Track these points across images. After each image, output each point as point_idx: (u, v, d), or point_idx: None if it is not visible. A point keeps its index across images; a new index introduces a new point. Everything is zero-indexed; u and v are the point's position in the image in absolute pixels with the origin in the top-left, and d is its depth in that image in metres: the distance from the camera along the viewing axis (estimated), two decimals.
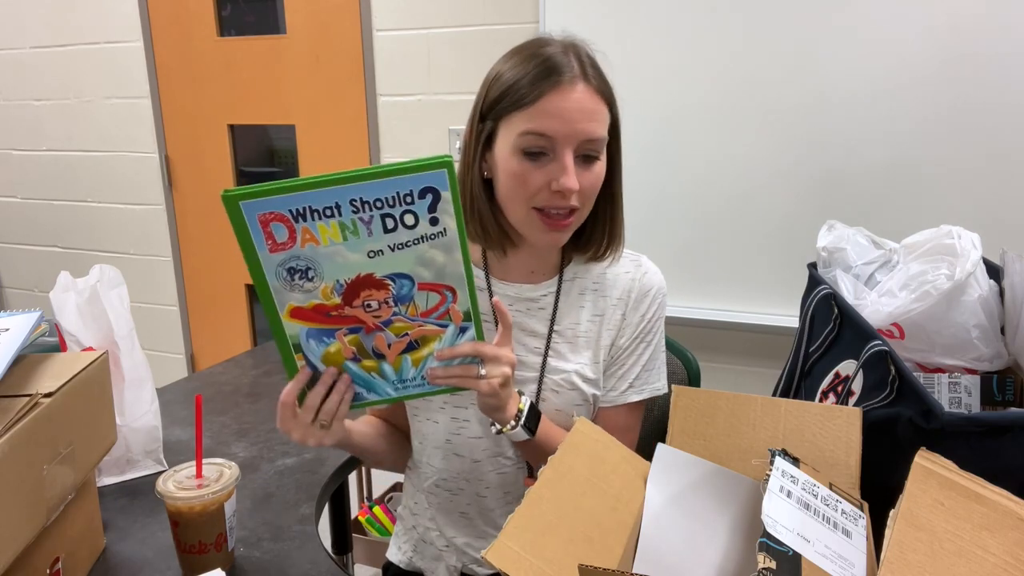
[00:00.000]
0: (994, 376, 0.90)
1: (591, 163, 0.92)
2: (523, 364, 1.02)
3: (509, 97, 0.90)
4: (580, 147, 0.90)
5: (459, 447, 1.04)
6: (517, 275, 1.04)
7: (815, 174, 1.99)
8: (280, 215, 0.76)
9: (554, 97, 0.87)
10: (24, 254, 3.32)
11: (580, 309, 1.04)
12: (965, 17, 1.79)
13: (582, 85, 0.89)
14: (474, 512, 1.08)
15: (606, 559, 0.71)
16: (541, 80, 0.88)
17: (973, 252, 0.91)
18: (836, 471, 0.79)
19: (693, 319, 2.16)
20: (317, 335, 0.83)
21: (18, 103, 3.10)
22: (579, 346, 1.03)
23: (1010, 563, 0.63)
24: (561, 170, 0.89)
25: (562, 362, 1.02)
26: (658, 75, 2.06)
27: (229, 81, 2.78)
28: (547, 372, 1.02)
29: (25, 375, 0.89)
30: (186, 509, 0.93)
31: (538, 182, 0.90)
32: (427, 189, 0.75)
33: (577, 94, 0.88)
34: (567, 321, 1.04)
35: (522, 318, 1.03)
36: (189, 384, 1.65)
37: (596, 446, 0.84)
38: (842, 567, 0.65)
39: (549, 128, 0.88)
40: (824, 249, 1.12)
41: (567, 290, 1.04)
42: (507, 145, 0.91)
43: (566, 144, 0.89)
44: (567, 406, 1.02)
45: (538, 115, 0.88)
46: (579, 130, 0.89)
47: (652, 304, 1.05)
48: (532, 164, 0.90)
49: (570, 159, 0.89)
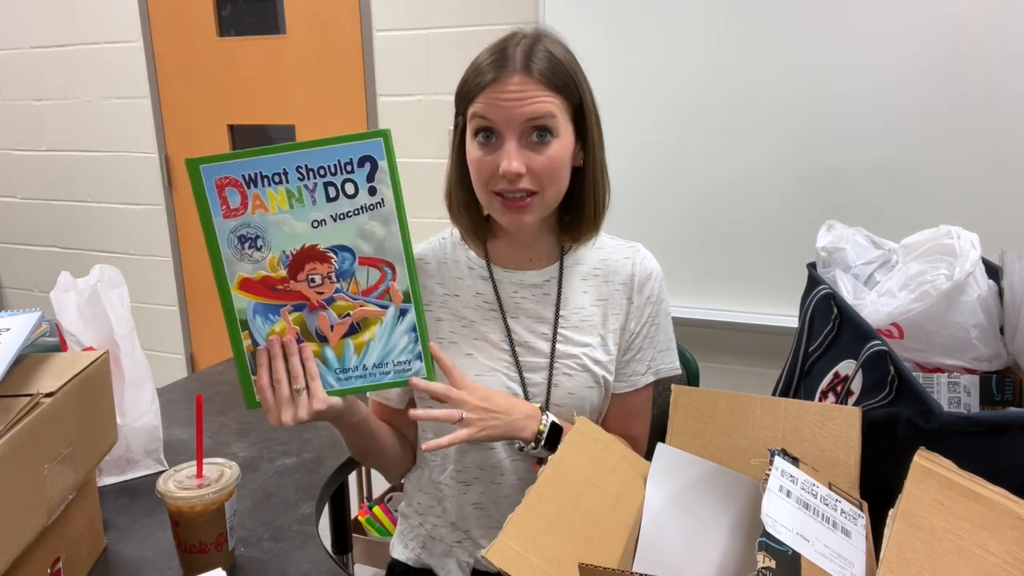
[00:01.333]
0: (993, 376, 0.90)
1: (544, 144, 0.96)
2: (534, 350, 1.05)
3: (466, 88, 0.98)
4: (525, 128, 0.95)
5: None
6: (517, 262, 1.07)
7: (815, 174, 1.99)
8: (234, 180, 0.83)
9: (493, 88, 0.94)
10: (24, 254, 3.32)
11: (583, 294, 1.07)
12: (965, 18, 1.79)
13: (519, 76, 0.94)
14: (488, 502, 1.08)
15: (606, 558, 0.71)
16: (486, 71, 0.95)
17: (972, 252, 0.91)
18: (835, 471, 0.80)
19: (692, 319, 2.16)
20: (264, 311, 0.88)
21: (18, 103, 3.10)
22: (585, 330, 1.06)
23: (1009, 562, 0.63)
24: (504, 154, 0.94)
25: (571, 346, 1.05)
26: (657, 74, 2.06)
27: (229, 81, 2.78)
28: (557, 356, 1.04)
29: (26, 375, 0.89)
30: (186, 509, 0.93)
31: (489, 167, 0.96)
32: (365, 158, 0.83)
33: (514, 83, 0.94)
34: (572, 306, 1.07)
35: (529, 304, 1.06)
36: (189, 384, 1.65)
37: (596, 446, 0.84)
38: (841, 566, 0.65)
39: (489, 112, 0.94)
40: (823, 249, 1.12)
41: (569, 275, 1.08)
42: (468, 133, 0.98)
43: (507, 128, 0.94)
44: (580, 389, 1.04)
45: (482, 101, 0.95)
46: (517, 114, 0.94)
47: (655, 286, 1.09)
48: (484, 150, 0.96)
49: (512, 144, 0.94)
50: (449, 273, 1.08)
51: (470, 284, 1.07)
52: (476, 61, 0.99)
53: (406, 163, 2.56)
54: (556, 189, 0.99)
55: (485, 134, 0.96)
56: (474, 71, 0.97)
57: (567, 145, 0.98)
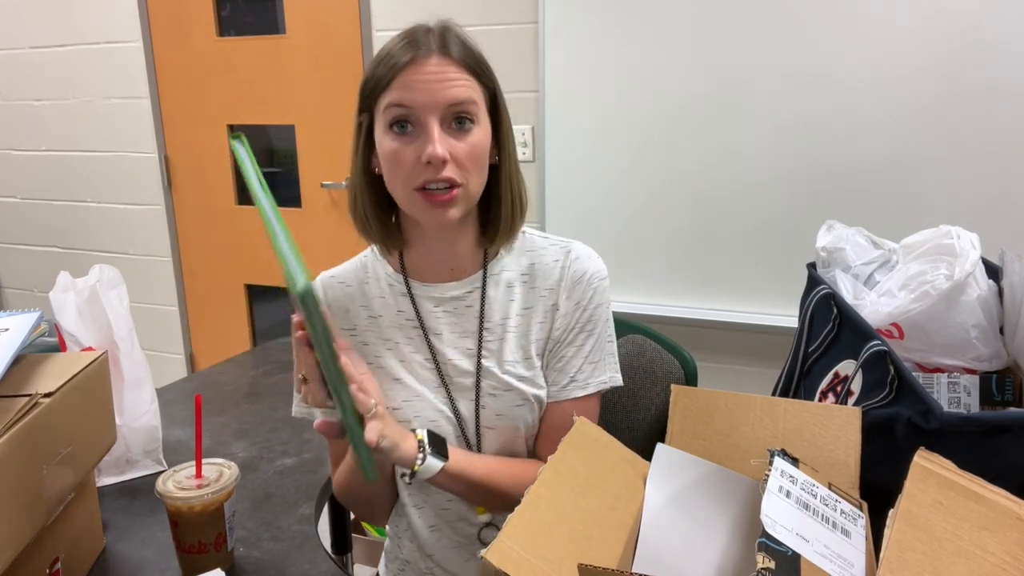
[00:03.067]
0: (993, 376, 0.90)
1: (465, 131, 0.90)
2: (460, 370, 0.98)
3: (374, 80, 0.91)
4: (446, 114, 0.89)
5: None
6: (437, 275, 0.99)
7: (814, 174, 1.99)
8: None
9: (410, 70, 0.88)
10: (24, 254, 3.32)
11: (510, 303, 0.99)
12: (964, 19, 1.79)
13: (436, 57, 0.89)
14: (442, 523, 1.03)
15: (606, 559, 0.71)
16: (399, 56, 0.89)
17: (972, 252, 0.91)
18: (835, 471, 0.80)
19: (692, 319, 2.16)
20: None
21: (18, 103, 3.10)
22: (509, 343, 0.98)
23: (1009, 562, 0.63)
24: (427, 139, 0.87)
25: (495, 363, 0.98)
26: (657, 74, 2.06)
27: (229, 81, 2.78)
28: (483, 376, 0.97)
29: (25, 375, 0.89)
30: (186, 509, 0.93)
31: (410, 159, 0.88)
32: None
33: (432, 65, 0.89)
34: (497, 317, 0.99)
35: (450, 319, 0.98)
36: (189, 384, 1.65)
37: (595, 446, 0.84)
38: (841, 567, 0.65)
39: (408, 98, 0.88)
40: (823, 249, 1.12)
41: (494, 283, 0.99)
42: (380, 128, 0.91)
43: (428, 113, 0.88)
44: (508, 409, 0.97)
45: (398, 88, 0.88)
46: (439, 98, 0.88)
47: (587, 290, 0.98)
48: (402, 141, 0.89)
49: (435, 128, 0.87)
50: (371, 293, 1.01)
51: (391, 302, 1.00)
52: (381, 54, 0.92)
53: None
54: (479, 180, 0.92)
55: (401, 124, 0.89)
56: (382, 61, 0.90)
57: (487, 135, 0.92)
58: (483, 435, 0.98)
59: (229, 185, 2.89)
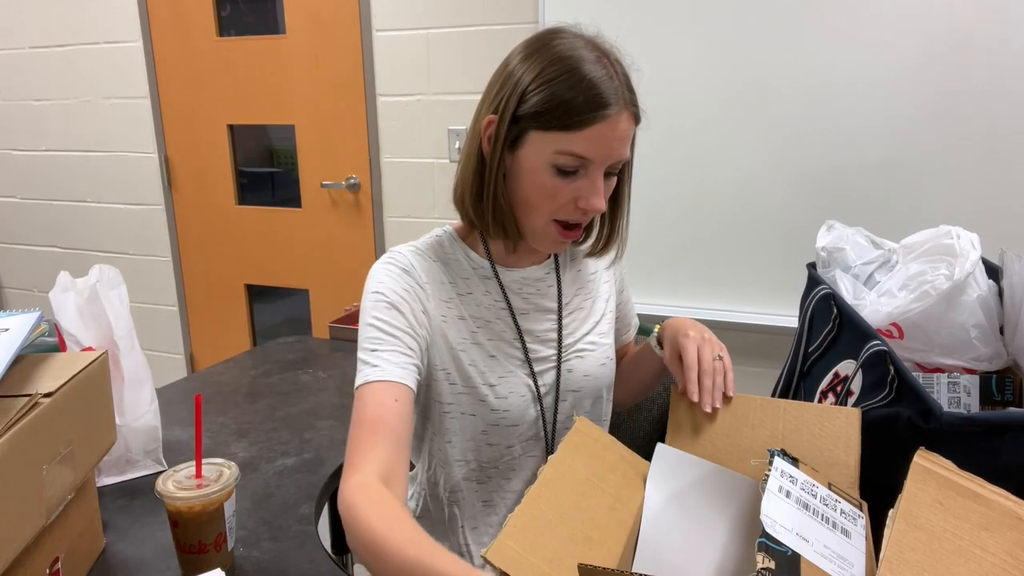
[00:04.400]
0: (993, 376, 0.90)
1: (611, 177, 0.96)
2: (543, 340, 1.05)
3: (553, 114, 0.88)
4: (610, 167, 0.93)
5: (493, 436, 1.04)
6: (520, 261, 1.07)
7: (815, 174, 1.99)
8: None
9: (602, 127, 0.88)
10: (23, 254, 3.32)
11: (576, 272, 1.11)
12: (964, 19, 1.79)
13: (626, 114, 0.90)
14: (498, 499, 1.07)
15: (606, 558, 0.71)
16: (592, 110, 0.87)
17: (972, 252, 0.91)
18: (835, 471, 0.80)
19: (692, 319, 2.16)
20: None
21: (18, 103, 3.10)
22: (586, 311, 1.10)
23: (1009, 562, 0.63)
24: (592, 190, 0.91)
25: (578, 329, 1.08)
26: (656, 75, 2.06)
27: (229, 81, 2.78)
28: (565, 344, 1.06)
29: (25, 375, 0.89)
30: (186, 509, 0.93)
31: (565, 197, 0.93)
32: None
33: (622, 124, 0.90)
34: (569, 293, 1.09)
35: (536, 299, 1.07)
36: (189, 384, 1.65)
37: (596, 446, 0.84)
38: (841, 567, 0.65)
39: (590, 153, 0.89)
40: (823, 249, 1.12)
41: (563, 262, 1.10)
42: (539, 157, 0.91)
43: (600, 166, 0.91)
44: (594, 368, 1.07)
45: (582, 140, 0.88)
46: (614, 156, 0.91)
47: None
48: (563, 180, 0.91)
49: (601, 180, 0.92)
50: (456, 273, 1.04)
51: (478, 283, 1.04)
52: (553, 85, 0.88)
53: (405, 163, 2.56)
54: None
55: (569, 169, 0.90)
56: (565, 99, 0.87)
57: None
58: (565, 399, 1.06)
59: (229, 185, 2.89)
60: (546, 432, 1.05)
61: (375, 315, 0.94)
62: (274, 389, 1.56)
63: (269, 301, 3.02)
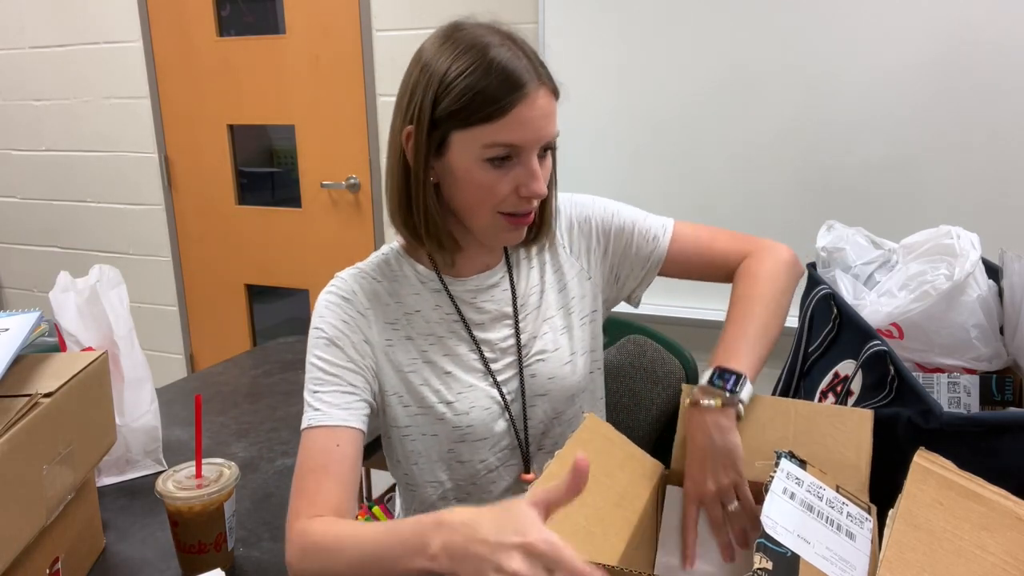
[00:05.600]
0: (993, 376, 0.90)
1: (546, 156, 0.93)
2: (502, 349, 1.01)
3: (471, 108, 0.86)
4: (541, 148, 0.91)
5: (463, 453, 1.01)
6: (471, 269, 1.02)
7: (814, 174, 1.99)
8: None
9: (523, 109, 0.87)
10: (23, 254, 3.32)
11: (531, 269, 1.05)
12: (964, 18, 1.79)
13: (544, 90, 0.89)
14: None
15: (609, 555, 0.71)
16: (508, 93, 0.86)
17: (972, 252, 0.91)
18: (845, 473, 0.78)
19: (692, 319, 2.16)
20: None
21: (18, 103, 3.10)
22: (547, 303, 1.04)
23: (1008, 562, 0.63)
24: (530, 176, 0.89)
25: (536, 330, 1.03)
26: (656, 73, 2.06)
27: (229, 81, 2.78)
28: (525, 349, 1.02)
29: (25, 375, 0.89)
30: (186, 509, 0.93)
31: (505, 189, 0.90)
32: None
33: (540, 100, 0.88)
34: (529, 287, 1.04)
35: (491, 306, 1.02)
36: (189, 384, 1.65)
37: (603, 443, 0.83)
38: (842, 569, 0.65)
39: (518, 139, 0.87)
40: (823, 249, 1.12)
41: (515, 262, 1.05)
42: (468, 155, 0.89)
43: (532, 150, 0.89)
44: (557, 369, 1.02)
45: (506, 127, 0.86)
46: (543, 135, 0.89)
47: (585, 207, 1.10)
48: (498, 172, 0.89)
49: (536, 163, 0.89)
50: (403, 290, 1.01)
51: (428, 297, 1.01)
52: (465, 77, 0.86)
53: None
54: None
55: (501, 159, 0.88)
56: (479, 89, 0.85)
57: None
58: (534, 404, 1.02)
59: (229, 185, 2.89)
60: (520, 440, 1.02)
61: (316, 353, 0.95)
62: (274, 389, 1.56)
63: (269, 301, 3.02)
